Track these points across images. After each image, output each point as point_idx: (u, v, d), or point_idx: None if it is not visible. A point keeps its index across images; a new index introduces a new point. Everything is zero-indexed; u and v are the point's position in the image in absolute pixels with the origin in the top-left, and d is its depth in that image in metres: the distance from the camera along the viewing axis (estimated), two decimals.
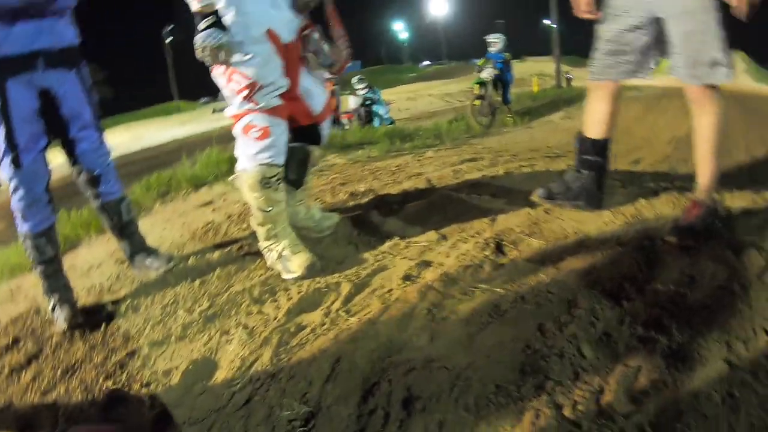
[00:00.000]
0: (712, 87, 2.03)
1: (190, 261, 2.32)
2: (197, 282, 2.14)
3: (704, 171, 2.13)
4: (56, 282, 2.13)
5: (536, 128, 5.95)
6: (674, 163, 3.66)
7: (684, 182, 2.93)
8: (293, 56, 2.14)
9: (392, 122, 9.78)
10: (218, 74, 2.10)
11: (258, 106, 2.04)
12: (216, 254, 2.40)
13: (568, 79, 21.01)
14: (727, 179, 3.10)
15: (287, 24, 2.13)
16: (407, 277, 1.88)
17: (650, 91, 11.66)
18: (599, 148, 2.26)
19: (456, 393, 1.28)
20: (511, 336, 1.47)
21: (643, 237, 2.04)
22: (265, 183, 2.07)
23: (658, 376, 1.28)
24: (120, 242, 2.29)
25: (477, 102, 7.44)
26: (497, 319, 1.57)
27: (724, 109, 2.08)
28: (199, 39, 1.94)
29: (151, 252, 2.27)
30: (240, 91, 2.03)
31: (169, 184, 4.01)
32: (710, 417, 1.15)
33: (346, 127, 8.71)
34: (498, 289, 1.71)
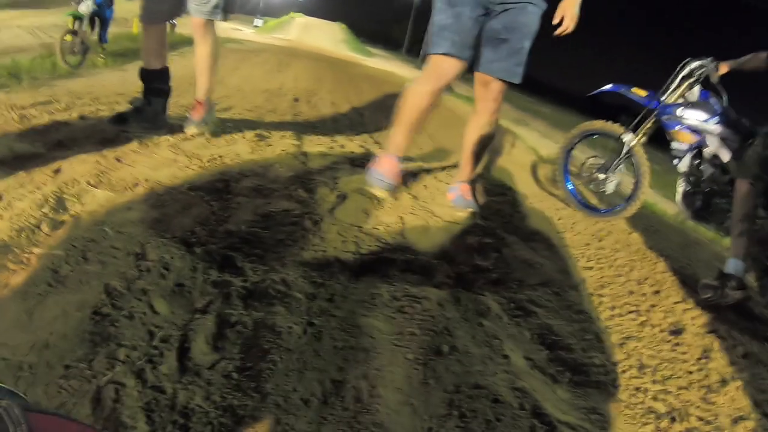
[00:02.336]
0: (211, 22, 2.79)
1: None
2: None
3: (201, 82, 2.93)
4: None
5: (130, 71, 5.61)
6: (262, 113, 4.01)
7: (268, 130, 3.26)
8: None
9: None
10: None
11: None
12: None
13: (172, 25, 20.95)
14: (311, 130, 3.65)
15: None
16: None
17: (251, 46, 12.61)
18: (162, 75, 2.85)
19: (23, 386, 1.04)
20: (75, 304, 1.30)
21: (218, 180, 2.13)
22: None
23: (236, 319, 1.33)
24: None
25: (68, 37, 6.43)
26: (58, 286, 1.37)
27: (217, 41, 2.90)
28: None
29: None
30: None
31: None
32: (295, 348, 1.27)
33: None
34: (57, 252, 1.50)
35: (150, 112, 2.82)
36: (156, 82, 2.84)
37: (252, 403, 1.07)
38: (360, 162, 2.94)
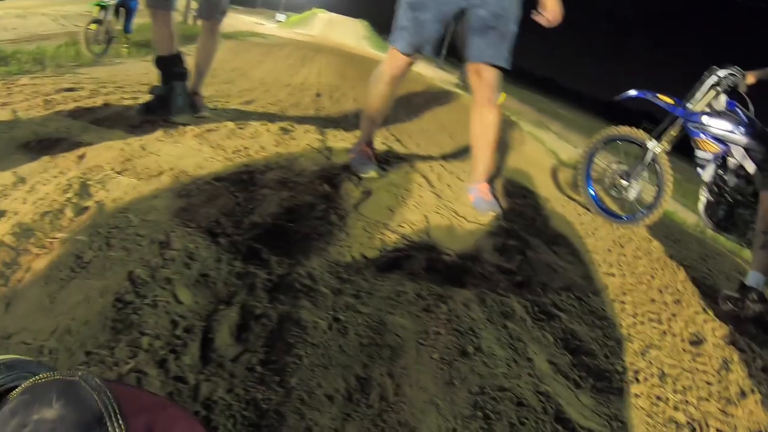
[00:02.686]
0: (217, 23, 3.07)
1: None
2: None
3: (205, 76, 3.20)
4: None
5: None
6: (286, 107, 4.01)
7: (292, 123, 3.26)
8: None
9: None
10: None
11: None
12: None
13: (195, 17, 21.03)
14: (333, 125, 3.64)
15: None
16: None
17: (274, 40, 12.67)
18: (177, 60, 2.93)
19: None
20: (98, 290, 1.28)
21: (243, 172, 2.13)
22: None
23: (261, 311, 1.32)
24: None
25: (93, 26, 6.47)
26: (81, 272, 1.36)
27: (219, 38, 3.17)
28: None
29: None
30: None
31: None
32: (320, 344, 1.25)
33: None
34: (81, 237, 1.49)
35: (174, 97, 2.91)
36: (173, 67, 2.93)
37: (276, 397, 1.05)
38: (383, 158, 2.93)
